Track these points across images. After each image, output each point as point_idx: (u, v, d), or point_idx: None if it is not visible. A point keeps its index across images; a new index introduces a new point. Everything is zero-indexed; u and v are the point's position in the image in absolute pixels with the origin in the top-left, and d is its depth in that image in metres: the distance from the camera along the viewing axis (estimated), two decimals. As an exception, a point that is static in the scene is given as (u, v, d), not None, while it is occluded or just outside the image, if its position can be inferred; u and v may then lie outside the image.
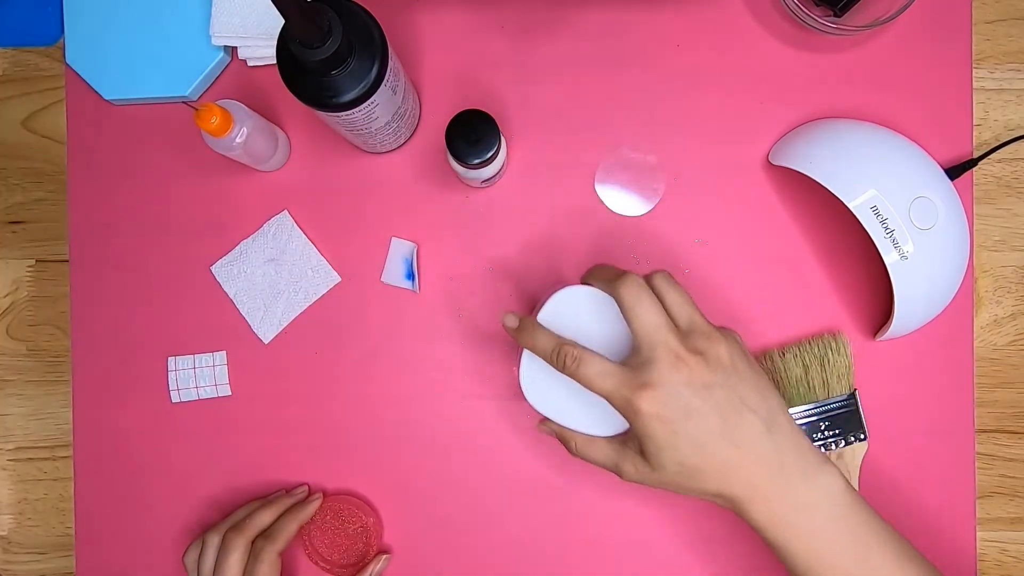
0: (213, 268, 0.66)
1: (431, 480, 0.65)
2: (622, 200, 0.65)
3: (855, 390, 0.63)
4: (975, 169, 0.64)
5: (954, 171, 0.63)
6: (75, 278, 0.66)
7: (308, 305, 0.65)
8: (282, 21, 0.48)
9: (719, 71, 0.65)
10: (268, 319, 0.65)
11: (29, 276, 0.70)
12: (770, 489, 0.48)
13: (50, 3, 0.68)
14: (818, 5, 0.64)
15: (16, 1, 0.68)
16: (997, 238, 0.67)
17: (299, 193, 0.66)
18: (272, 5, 0.59)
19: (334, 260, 0.65)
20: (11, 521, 0.70)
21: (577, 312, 0.53)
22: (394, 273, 0.65)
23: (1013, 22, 0.67)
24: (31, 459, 0.70)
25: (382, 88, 0.51)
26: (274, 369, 0.66)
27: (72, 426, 0.66)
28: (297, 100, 0.51)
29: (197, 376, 0.65)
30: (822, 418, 0.63)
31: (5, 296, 0.70)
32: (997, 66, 0.67)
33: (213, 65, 0.64)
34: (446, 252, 0.65)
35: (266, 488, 0.65)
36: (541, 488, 0.65)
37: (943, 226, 0.57)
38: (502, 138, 0.58)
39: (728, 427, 0.48)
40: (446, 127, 0.56)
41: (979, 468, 0.66)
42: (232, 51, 0.66)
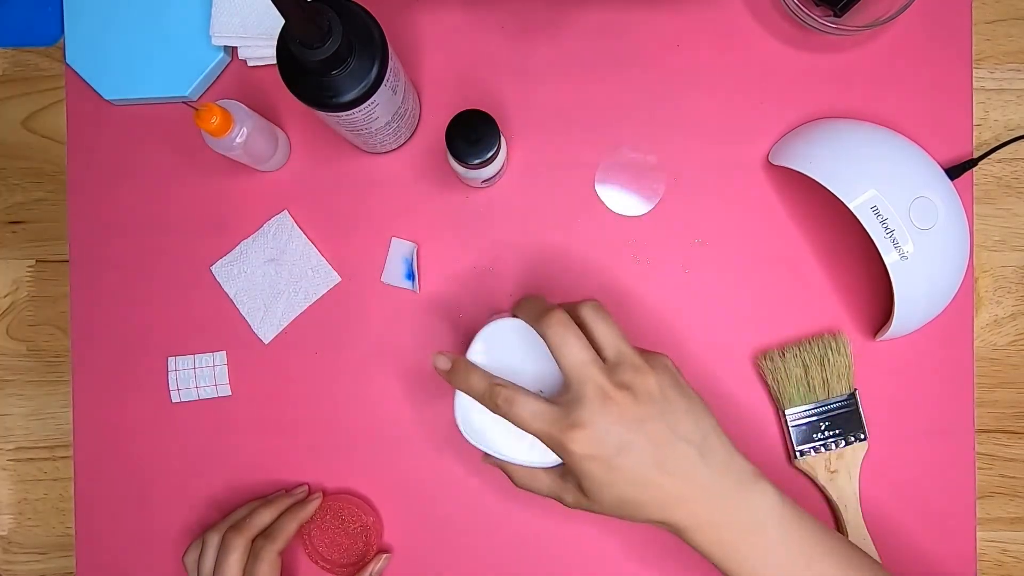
0: (213, 268, 0.66)
1: (431, 479, 0.65)
2: (622, 200, 0.65)
3: (855, 390, 0.64)
4: (975, 169, 0.64)
5: (954, 171, 0.63)
6: (75, 278, 0.66)
7: (308, 305, 0.65)
8: (282, 21, 0.48)
9: (719, 71, 0.65)
10: (268, 319, 0.65)
11: (29, 276, 0.70)
12: (709, 515, 0.49)
13: (50, 3, 0.68)
14: (818, 5, 0.64)
15: (16, 1, 0.68)
16: (997, 238, 0.67)
17: (299, 193, 0.66)
18: (272, 5, 0.59)
19: (334, 260, 0.66)
20: (11, 521, 0.70)
21: (509, 345, 0.53)
22: (394, 273, 0.65)
23: (1013, 22, 0.67)
24: (31, 459, 0.70)
25: (382, 88, 0.51)
26: (274, 369, 0.66)
27: (72, 426, 0.66)
28: (297, 100, 0.51)
29: (197, 376, 0.65)
30: (822, 418, 0.63)
31: (5, 296, 0.70)
32: (997, 66, 0.67)
33: (213, 65, 0.64)
34: (446, 252, 0.65)
35: (266, 488, 0.65)
36: (541, 488, 0.65)
37: (943, 226, 0.57)
38: (502, 138, 0.58)
39: (662, 459, 0.48)
40: (446, 127, 0.56)
41: (979, 468, 0.66)
42: (232, 51, 0.66)
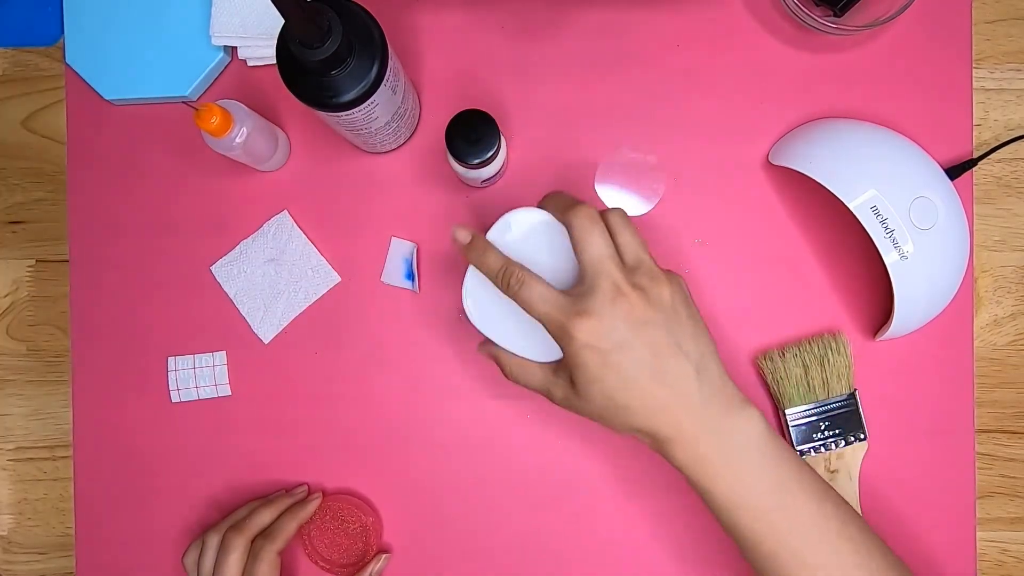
0: (213, 268, 0.66)
1: (431, 479, 0.65)
2: (622, 200, 0.65)
3: (855, 390, 0.64)
4: (975, 169, 0.64)
5: (954, 171, 0.63)
6: (75, 278, 0.66)
7: (308, 305, 0.65)
8: (282, 21, 0.48)
9: (719, 71, 0.65)
10: (268, 319, 0.65)
11: (29, 276, 0.70)
12: (693, 430, 0.49)
13: (50, 3, 0.68)
14: (818, 5, 0.64)
15: (16, 1, 0.68)
16: (997, 238, 0.67)
17: (299, 193, 0.66)
18: (272, 5, 0.59)
19: (334, 260, 0.66)
20: (11, 521, 0.70)
21: (528, 236, 0.53)
22: (394, 273, 0.65)
23: (1013, 22, 0.67)
24: (31, 459, 0.70)
25: (382, 88, 0.51)
26: (274, 369, 0.66)
27: (72, 426, 0.66)
28: (297, 100, 0.51)
29: (197, 376, 0.65)
30: (822, 418, 0.63)
31: (5, 296, 0.70)
32: (997, 66, 0.67)
33: (213, 65, 0.64)
34: (446, 252, 0.65)
35: (266, 488, 0.65)
36: (541, 487, 0.65)
37: (943, 226, 0.57)
38: (502, 138, 0.58)
39: (658, 366, 0.48)
40: (446, 127, 0.56)
41: (979, 468, 0.66)
42: (232, 51, 0.66)
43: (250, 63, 0.65)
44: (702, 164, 0.65)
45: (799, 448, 0.63)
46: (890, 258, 0.56)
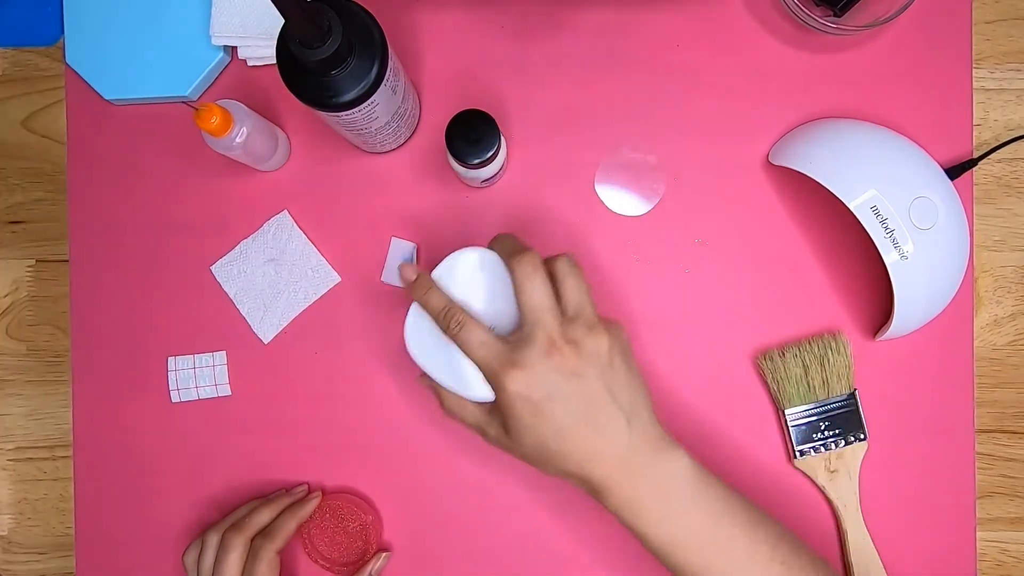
0: (213, 268, 0.66)
1: (431, 478, 0.65)
2: (622, 200, 0.65)
3: (855, 390, 0.64)
4: (975, 169, 0.64)
5: (954, 171, 0.63)
6: (75, 278, 0.66)
7: (308, 305, 0.65)
8: (282, 21, 0.48)
9: (719, 71, 0.65)
10: (268, 319, 0.65)
11: (29, 276, 0.70)
12: (623, 476, 0.50)
13: (50, 3, 0.68)
14: (818, 5, 0.64)
15: (16, 1, 0.68)
16: (997, 238, 0.67)
17: (299, 193, 0.66)
18: (272, 5, 0.59)
19: (334, 260, 0.66)
20: (11, 521, 0.70)
21: (474, 275, 0.53)
22: (394, 273, 0.65)
23: (1013, 22, 0.67)
24: (31, 459, 0.70)
25: (382, 88, 0.51)
26: (274, 369, 0.66)
27: (72, 426, 0.66)
28: (297, 100, 0.51)
29: (197, 376, 0.66)
30: (822, 418, 0.63)
31: (5, 296, 0.70)
32: (997, 66, 0.67)
33: (213, 65, 0.64)
34: (446, 252, 0.65)
35: (266, 488, 0.65)
36: (541, 486, 0.65)
37: (943, 226, 0.57)
38: (502, 138, 0.58)
39: (590, 416, 0.49)
40: (446, 127, 0.56)
41: (979, 468, 0.66)
42: (232, 51, 0.66)
43: (250, 63, 0.65)
44: (702, 164, 0.65)
45: (799, 448, 0.63)
46: (890, 258, 0.56)
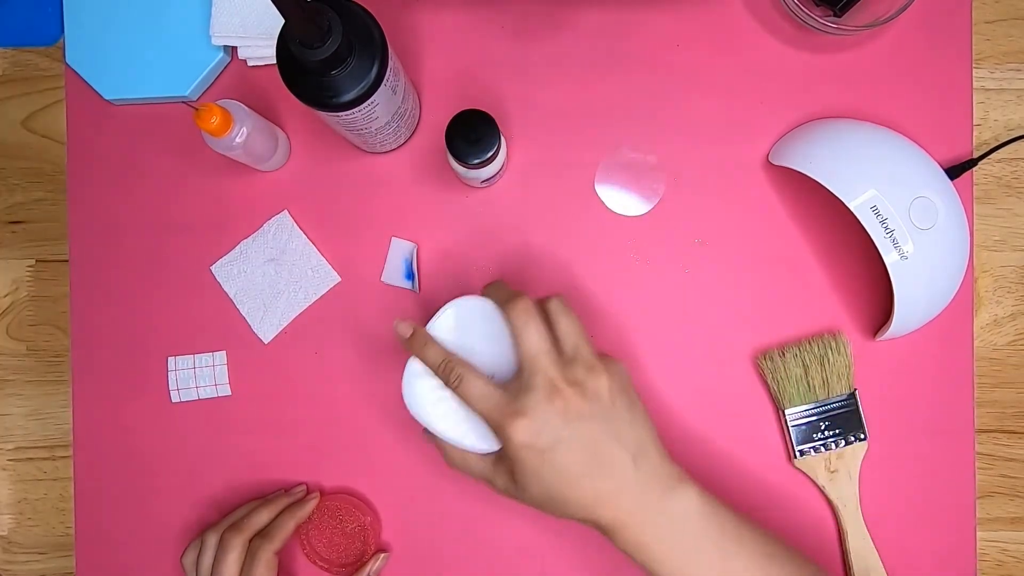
0: (213, 268, 0.66)
1: (430, 479, 0.65)
2: (622, 200, 0.65)
3: (855, 390, 0.64)
4: (975, 169, 0.64)
5: (954, 171, 0.63)
6: (75, 278, 0.66)
7: (308, 305, 0.65)
8: (282, 21, 0.48)
9: (719, 71, 0.65)
10: (268, 319, 0.65)
11: (29, 276, 0.70)
12: (633, 517, 0.50)
13: (50, 3, 0.68)
14: (818, 5, 0.64)
15: (16, 1, 0.68)
16: (997, 238, 0.67)
17: (299, 193, 0.66)
18: (272, 5, 0.59)
19: (334, 260, 0.66)
20: (11, 521, 0.70)
21: (471, 324, 0.53)
22: (394, 273, 0.65)
23: (1013, 22, 0.67)
24: (31, 459, 0.70)
25: (382, 88, 0.51)
26: (274, 369, 0.66)
27: (72, 426, 0.66)
28: (297, 100, 0.51)
29: (197, 376, 0.65)
30: (822, 418, 0.63)
31: (5, 296, 0.70)
32: (997, 66, 0.67)
33: (213, 65, 0.64)
34: (446, 252, 0.65)
35: (266, 488, 0.65)
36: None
37: (943, 226, 0.57)
38: (502, 138, 0.58)
39: (596, 460, 0.49)
40: (446, 127, 0.56)
41: (979, 468, 0.66)
42: (232, 51, 0.66)
43: (250, 63, 0.65)
44: (702, 164, 0.65)
45: (799, 448, 0.63)
46: (890, 258, 0.56)
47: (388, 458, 0.65)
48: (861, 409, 0.63)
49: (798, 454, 0.63)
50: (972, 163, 0.64)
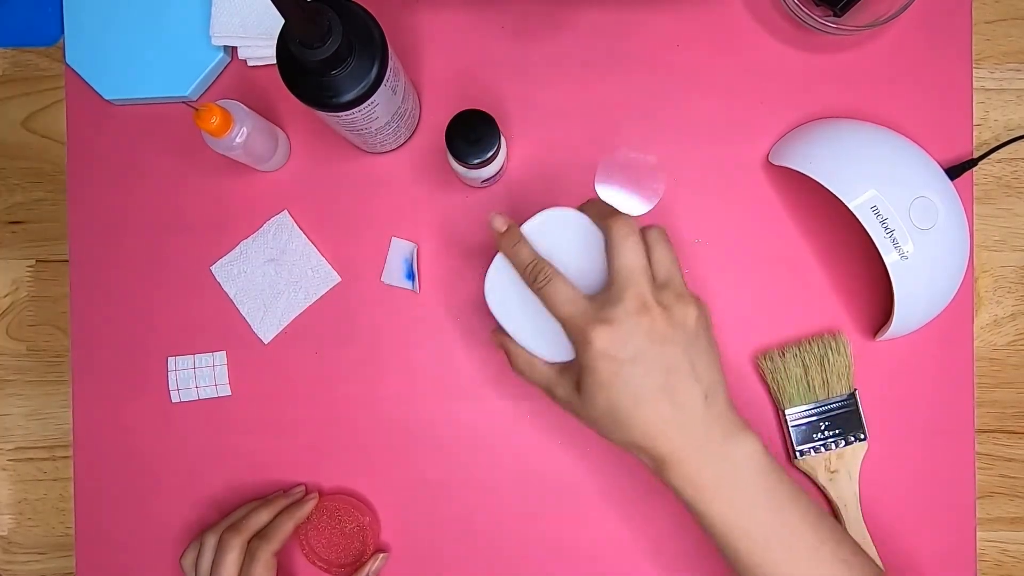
0: (213, 268, 0.66)
1: (429, 479, 0.65)
2: (622, 200, 0.65)
3: (855, 390, 0.63)
4: (975, 169, 0.64)
5: (954, 171, 0.63)
6: (75, 278, 0.66)
7: (308, 305, 0.65)
8: (282, 21, 0.48)
9: (719, 71, 0.65)
10: (268, 319, 0.65)
11: (29, 276, 0.70)
12: (691, 453, 0.49)
13: (50, 3, 0.68)
14: (818, 5, 0.64)
15: (16, 1, 0.68)
16: (997, 238, 0.67)
17: (299, 193, 0.66)
18: (272, 5, 0.59)
19: (334, 260, 0.66)
20: (11, 521, 0.70)
21: (562, 235, 0.53)
22: (394, 273, 0.65)
23: (1013, 22, 0.67)
24: (31, 459, 0.70)
25: (382, 88, 0.51)
26: (274, 369, 0.66)
27: (72, 426, 0.66)
28: (297, 100, 0.51)
29: (197, 376, 0.65)
30: (822, 418, 0.63)
31: (5, 296, 0.70)
32: (997, 66, 0.67)
33: (213, 65, 0.64)
34: (446, 252, 0.65)
35: (266, 488, 0.65)
36: (540, 486, 0.65)
37: (943, 226, 0.57)
38: (502, 138, 0.58)
39: (669, 385, 0.48)
40: (446, 127, 0.56)
41: (979, 468, 0.66)
42: (232, 51, 0.66)
43: (250, 63, 0.65)
44: (702, 164, 0.65)
45: (799, 448, 0.63)
46: (890, 258, 0.56)
47: (387, 458, 0.65)
48: (861, 409, 0.63)
49: (798, 454, 0.63)
50: (972, 163, 0.64)
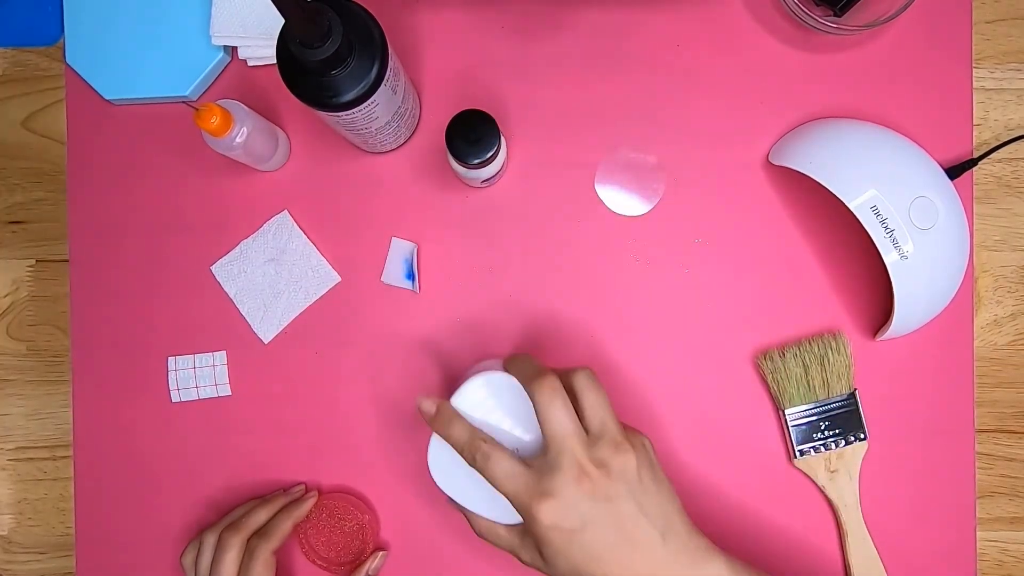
0: (213, 268, 0.66)
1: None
2: (622, 200, 0.65)
3: (855, 390, 0.63)
4: (975, 169, 0.64)
5: (954, 171, 0.63)
6: (75, 278, 0.66)
7: (308, 305, 0.65)
8: (282, 21, 0.48)
9: (719, 71, 0.65)
10: (268, 319, 0.65)
11: (29, 276, 0.70)
12: None
13: (50, 3, 0.68)
14: (818, 5, 0.64)
15: (16, 1, 0.68)
16: (997, 238, 0.67)
17: (299, 193, 0.66)
18: (272, 5, 0.59)
19: (334, 260, 0.66)
20: (11, 521, 0.70)
21: (495, 398, 0.53)
22: (394, 273, 0.65)
23: (1013, 22, 0.67)
24: (31, 459, 0.70)
25: (382, 88, 0.51)
26: (274, 369, 0.66)
27: (72, 426, 0.66)
28: (297, 100, 0.51)
29: (197, 376, 0.65)
30: (822, 418, 0.63)
31: (5, 296, 0.70)
32: (997, 66, 0.67)
33: (213, 65, 0.64)
34: (446, 252, 0.65)
35: (266, 488, 0.65)
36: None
37: (943, 226, 0.57)
38: (502, 138, 0.58)
39: (624, 538, 0.48)
40: (446, 127, 0.56)
41: (979, 468, 0.66)
42: (232, 51, 0.66)
43: (250, 63, 0.65)
44: (702, 164, 0.65)
45: (799, 448, 0.63)
46: (890, 258, 0.56)
47: (387, 457, 0.65)
48: (861, 409, 0.63)
49: (798, 454, 0.63)
50: (972, 163, 0.64)
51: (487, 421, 0.53)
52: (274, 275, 0.65)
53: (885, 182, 0.57)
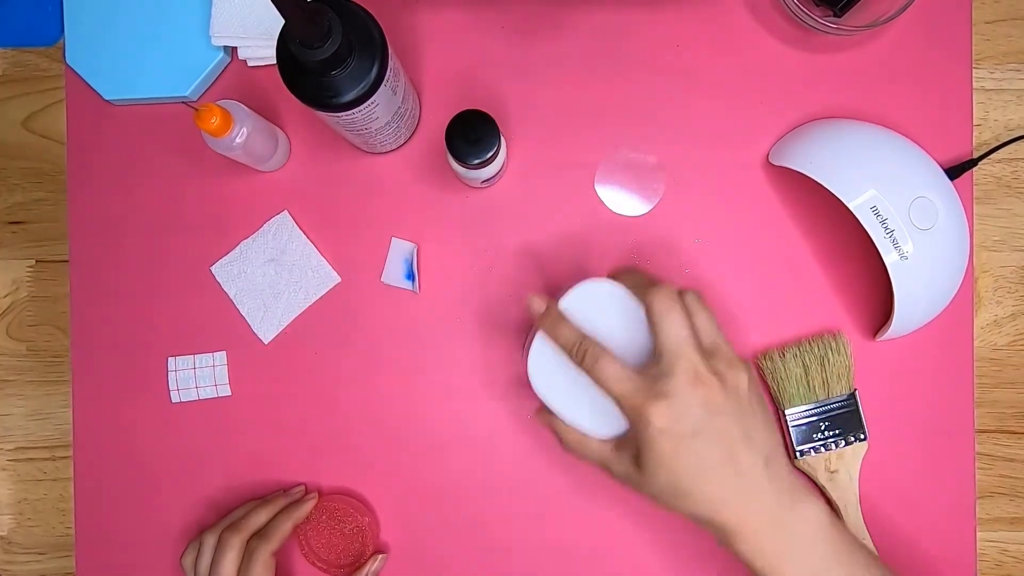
0: (213, 268, 0.66)
1: (429, 479, 0.65)
2: (622, 200, 0.65)
3: (855, 390, 0.63)
4: (975, 169, 0.64)
5: (954, 171, 0.63)
6: (75, 278, 0.66)
7: (308, 305, 0.65)
8: (282, 21, 0.48)
9: (719, 71, 0.65)
10: (268, 319, 0.65)
11: (29, 276, 0.70)
12: (759, 523, 0.48)
13: (50, 3, 0.68)
14: (818, 5, 0.64)
15: (16, 1, 0.68)
16: (997, 238, 0.67)
17: (299, 193, 0.66)
18: (272, 5, 0.59)
19: (334, 260, 0.66)
20: (11, 521, 0.70)
21: (601, 308, 0.52)
22: (394, 273, 0.65)
23: (1013, 22, 0.67)
24: (31, 459, 0.70)
25: (382, 88, 0.51)
26: (274, 369, 0.66)
27: (72, 426, 0.66)
28: (297, 100, 0.51)
29: (197, 376, 0.65)
30: (822, 418, 0.63)
31: (5, 296, 0.70)
32: (997, 66, 0.67)
33: (213, 65, 0.64)
34: (446, 252, 0.65)
35: (265, 488, 0.65)
36: (540, 487, 0.65)
37: (943, 226, 0.57)
38: (502, 138, 0.58)
39: (730, 456, 0.48)
40: (446, 127, 0.56)
41: (979, 468, 0.66)
42: (232, 51, 0.66)
43: (250, 63, 0.65)
44: (702, 164, 0.65)
45: (799, 448, 0.63)
46: (890, 258, 0.56)
47: (387, 459, 0.65)
48: (861, 409, 0.63)
49: (798, 454, 0.63)
50: (972, 163, 0.64)
51: (592, 330, 0.51)
52: (274, 275, 0.65)
53: (885, 182, 0.57)
